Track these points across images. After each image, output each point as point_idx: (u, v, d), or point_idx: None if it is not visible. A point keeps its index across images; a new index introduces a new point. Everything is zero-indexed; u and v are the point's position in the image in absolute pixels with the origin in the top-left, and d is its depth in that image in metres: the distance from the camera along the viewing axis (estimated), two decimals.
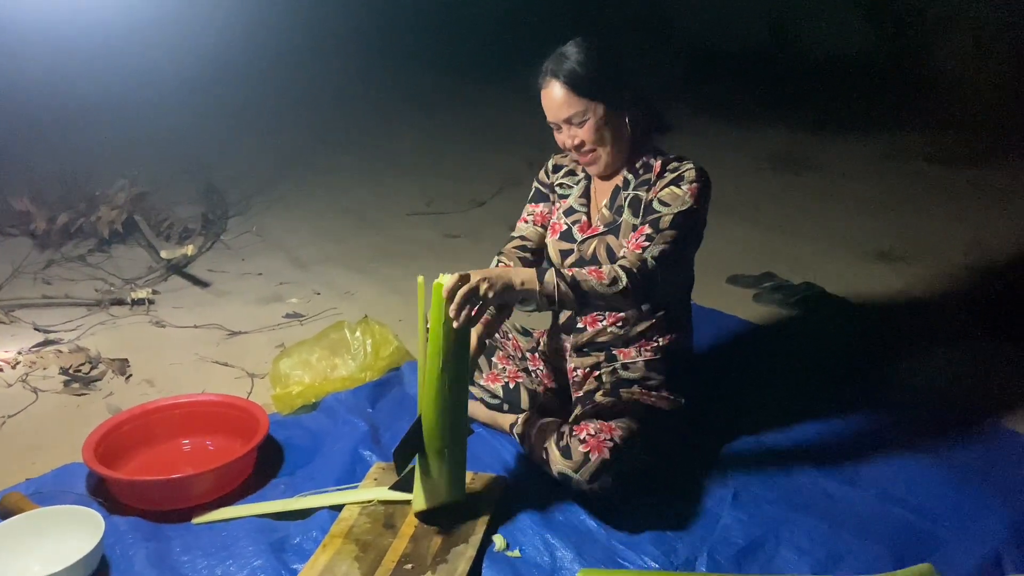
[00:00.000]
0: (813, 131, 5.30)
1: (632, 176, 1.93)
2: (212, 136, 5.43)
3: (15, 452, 2.17)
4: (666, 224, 1.81)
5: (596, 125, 1.85)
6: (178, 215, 3.88)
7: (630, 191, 1.92)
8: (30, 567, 1.66)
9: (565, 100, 1.83)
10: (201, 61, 6.13)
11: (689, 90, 6.40)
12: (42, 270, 3.42)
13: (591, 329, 1.99)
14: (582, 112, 1.83)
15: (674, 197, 1.84)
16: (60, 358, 2.60)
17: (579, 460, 1.74)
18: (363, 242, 3.73)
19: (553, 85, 1.84)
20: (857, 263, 3.33)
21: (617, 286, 1.72)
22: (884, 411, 2.22)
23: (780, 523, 1.79)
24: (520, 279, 1.68)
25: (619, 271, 1.74)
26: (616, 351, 1.98)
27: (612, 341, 1.98)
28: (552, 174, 2.10)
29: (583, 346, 2.01)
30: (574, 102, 1.83)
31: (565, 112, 1.84)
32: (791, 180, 4.49)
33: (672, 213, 1.82)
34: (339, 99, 6.52)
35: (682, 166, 1.89)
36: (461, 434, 1.77)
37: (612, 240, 1.92)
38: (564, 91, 1.83)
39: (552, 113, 1.87)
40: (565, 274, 1.71)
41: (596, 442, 1.75)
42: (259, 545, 1.75)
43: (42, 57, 5.33)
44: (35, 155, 4.63)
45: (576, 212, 2.01)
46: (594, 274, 1.73)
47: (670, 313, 1.97)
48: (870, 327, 2.78)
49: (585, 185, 2.03)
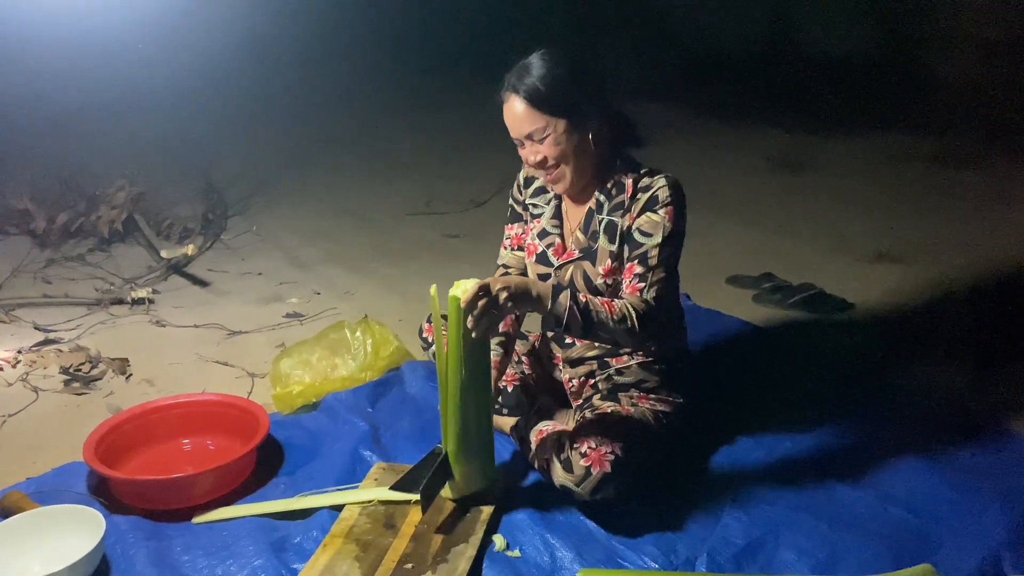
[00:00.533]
0: (813, 132, 5.30)
1: (604, 198, 1.88)
2: (212, 135, 5.42)
3: (15, 451, 2.18)
4: (654, 259, 1.79)
5: (557, 141, 1.79)
6: (178, 215, 3.89)
7: (604, 215, 1.88)
8: (30, 567, 1.66)
9: (526, 116, 1.78)
10: (201, 61, 6.11)
11: (689, 91, 6.41)
12: (42, 269, 3.42)
13: (580, 344, 1.99)
14: (543, 128, 1.78)
15: (654, 226, 1.81)
16: (60, 357, 2.60)
17: (581, 475, 1.74)
18: (363, 242, 3.73)
19: (513, 100, 1.79)
20: (856, 264, 3.34)
21: (625, 324, 1.72)
22: (883, 412, 2.22)
23: (780, 523, 1.79)
24: (536, 292, 1.67)
25: (628, 310, 1.73)
26: (608, 359, 1.97)
27: (603, 353, 1.97)
28: (524, 189, 2.06)
29: (575, 360, 2.01)
30: (535, 118, 1.78)
31: (526, 128, 1.79)
32: (791, 181, 4.49)
33: (656, 245, 1.80)
34: (339, 99, 6.52)
35: (654, 183, 1.84)
36: (488, 431, 1.82)
37: (588, 267, 1.89)
38: (524, 106, 1.78)
39: (513, 129, 1.82)
40: (579, 299, 1.69)
41: (597, 456, 1.74)
42: (259, 545, 1.75)
43: (42, 57, 5.31)
44: (35, 154, 4.63)
45: (549, 235, 1.98)
46: (606, 306, 1.72)
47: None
48: (869, 328, 2.79)
49: (556, 205, 1.99)
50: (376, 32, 7.47)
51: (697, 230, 3.68)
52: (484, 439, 1.82)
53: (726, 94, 6.30)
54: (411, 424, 2.22)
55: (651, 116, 5.96)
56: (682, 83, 6.60)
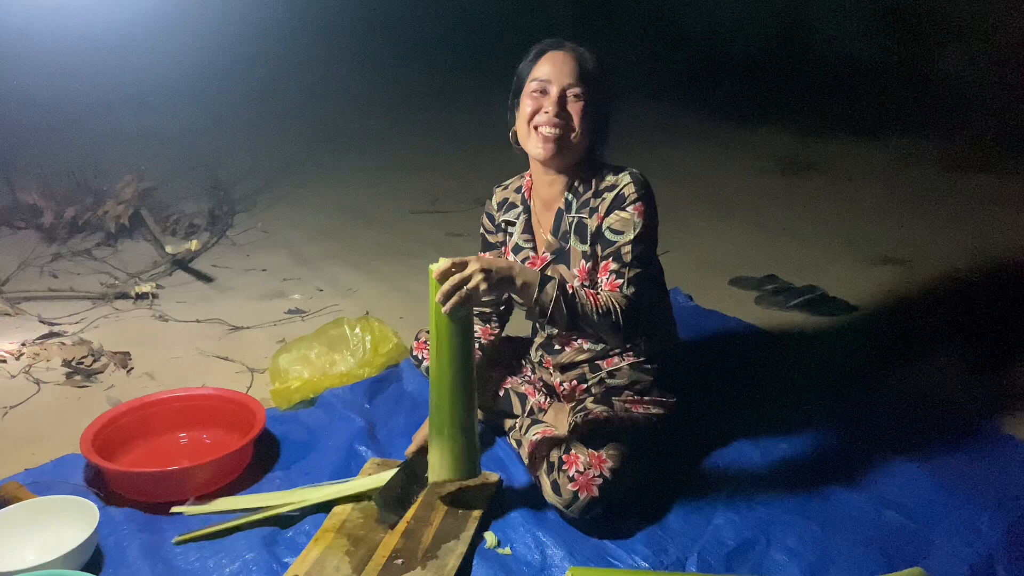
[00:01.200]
0: (821, 135, 5.29)
1: (572, 196, 1.88)
2: (221, 133, 5.46)
3: (15, 442, 2.19)
4: (627, 255, 1.78)
5: (584, 109, 1.80)
6: (184, 210, 3.91)
7: (573, 214, 1.88)
8: (25, 556, 1.67)
9: (575, 71, 1.80)
10: (211, 59, 6.17)
11: (698, 91, 6.40)
12: (49, 263, 3.45)
13: (569, 349, 1.98)
14: (582, 91, 1.79)
15: (624, 223, 1.80)
16: (63, 350, 2.62)
17: (568, 498, 1.73)
18: (366, 239, 3.74)
19: (568, 53, 1.81)
20: (861, 267, 3.32)
21: (609, 318, 1.70)
22: (881, 414, 2.21)
23: (771, 524, 1.79)
24: (522, 280, 1.64)
25: (613, 304, 1.72)
26: (599, 361, 1.96)
27: (591, 357, 1.96)
28: (498, 211, 2.04)
29: (565, 365, 2.00)
30: (580, 78, 1.79)
31: (570, 76, 1.79)
32: (797, 183, 4.48)
33: (628, 241, 1.79)
34: (346, 97, 6.55)
35: (619, 181, 1.83)
36: (468, 417, 1.73)
37: (564, 270, 1.88)
38: (577, 64, 1.80)
39: (558, 75, 1.79)
40: (567, 290, 1.67)
41: (585, 480, 1.72)
42: (251, 538, 1.76)
43: (53, 53, 5.37)
44: (45, 150, 4.67)
45: (523, 249, 1.98)
46: (591, 298, 1.70)
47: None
48: (871, 330, 2.78)
49: (525, 219, 1.99)
50: (385, 33, 7.50)
51: (701, 231, 3.75)
52: (462, 423, 1.72)
53: (735, 95, 6.29)
54: (407, 420, 2.22)
55: (658, 116, 5.96)
56: (691, 83, 6.59)
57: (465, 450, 1.73)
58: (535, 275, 1.67)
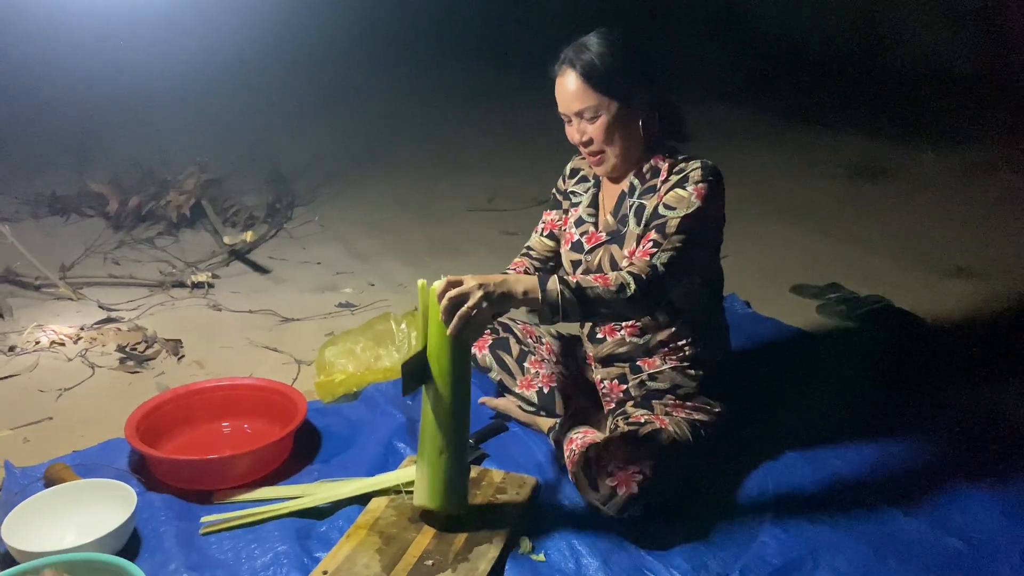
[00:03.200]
0: (896, 140, 5.08)
1: (638, 181, 1.84)
2: (284, 127, 5.54)
3: (67, 424, 2.24)
4: (672, 228, 1.71)
5: (607, 123, 1.76)
6: (245, 203, 3.97)
7: (635, 199, 1.83)
8: (65, 536, 1.69)
9: (579, 92, 1.75)
10: (281, 56, 6.29)
11: (769, 94, 6.24)
12: (113, 250, 3.54)
13: (610, 339, 1.92)
14: (595, 107, 1.75)
15: (679, 200, 1.74)
16: (118, 336, 2.68)
17: (606, 494, 1.68)
18: (421, 236, 3.74)
19: (568, 75, 1.76)
20: (931, 278, 3.17)
21: (625, 292, 1.63)
22: (945, 434, 2.09)
23: (821, 545, 1.70)
24: (523, 288, 1.59)
25: (627, 277, 1.65)
26: (640, 361, 1.90)
27: (633, 352, 1.90)
28: (568, 179, 2.03)
29: (605, 358, 1.94)
30: (588, 96, 1.75)
31: (577, 105, 1.76)
32: (867, 189, 4.31)
33: (679, 217, 1.71)
34: (411, 95, 6.58)
35: (688, 166, 1.78)
36: (457, 445, 1.68)
37: (615, 250, 1.84)
38: (579, 83, 1.75)
39: (564, 104, 1.79)
40: (569, 281, 1.62)
41: (624, 476, 1.68)
42: (285, 530, 1.75)
43: (128, 47, 5.54)
44: (118, 142, 4.81)
45: (585, 223, 1.94)
46: (600, 280, 1.64)
47: (693, 319, 1.87)
48: (938, 345, 2.64)
49: (594, 193, 1.95)
50: (451, 29, 7.52)
51: (763, 236, 3.63)
52: (449, 451, 1.66)
53: (808, 97, 6.11)
54: None
55: (726, 118, 5.83)
56: (763, 84, 6.43)
57: (451, 480, 1.68)
58: (533, 280, 1.61)
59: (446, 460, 1.67)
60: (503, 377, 2.12)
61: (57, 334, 2.70)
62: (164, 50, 5.73)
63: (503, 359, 2.11)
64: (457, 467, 1.69)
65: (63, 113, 5.26)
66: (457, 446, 1.68)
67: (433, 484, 1.69)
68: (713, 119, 5.84)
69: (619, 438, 1.75)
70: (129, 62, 5.65)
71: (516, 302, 1.60)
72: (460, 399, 1.66)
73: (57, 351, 2.63)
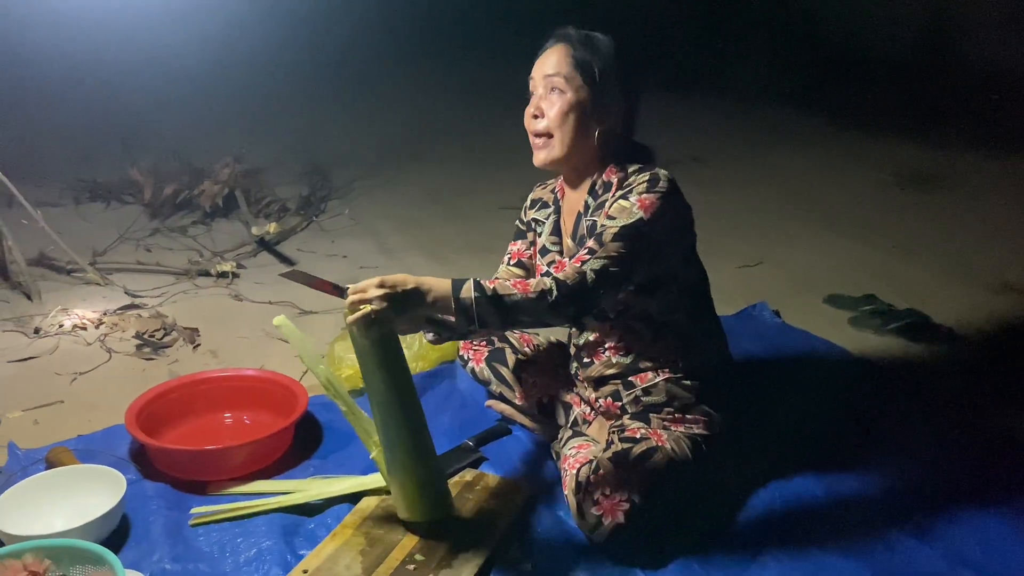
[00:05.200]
0: (953, 147, 4.88)
1: (591, 199, 1.76)
2: (326, 121, 5.57)
3: (77, 408, 2.26)
4: (609, 237, 1.61)
5: (569, 104, 1.69)
6: (279, 194, 3.99)
7: (589, 217, 1.75)
8: (53, 522, 1.69)
9: (561, 59, 1.69)
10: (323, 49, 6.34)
11: (822, 96, 6.05)
12: (147, 237, 3.59)
13: (598, 362, 1.84)
14: (566, 79, 1.68)
15: (621, 210, 1.65)
16: (138, 322, 2.70)
17: (592, 523, 1.62)
18: (450, 232, 3.70)
19: (561, 45, 1.71)
20: (975, 293, 3.01)
21: (546, 299, 1.54)
22: (970, 460, 1.97)
23: (825, 570, 1.62)
24: (434, 293, 1.52)
25: (550, 283, 1.56)
26: (632, 378, 1.81)
27: (622, 371, 1.81)
28: (529, 209, 1.97)
29: (596, 380, 1.86)
30: (567, 66, 1.68)
31: (551, 68, 1.70)
32: (917, 198, 4.14)
33: (617, 226, 1.62)
34: (452, 90, 6.57)
35: (637, 178, 1.68)
36: (415, 455, 1.64)
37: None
38: (564, 50, 1.70)
39: (539, 67, 1.73)
40: (486, 286, 1.54)
41: (610, 505, 1.61)
42: (272, 526, 1.74)
43: (178, 40, 5.64)
44: (165, 131, 4.89)
45: (549, 251, 1.89)
46: (519, 286, 1.55)
47: (677, 330, 1.78)
48: (973, 364, 2.50)
49: (555, 220, 1.89)
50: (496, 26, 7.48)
51: (801, 243, 3.51)
52: (406, 459, 1.64)
53: (864, 100, 5.91)
54: (451, 418, 2.17)
55: (776, 120, 5.68)
56: (817, 87, 6.24)
57: (420, 489, 1.65)
58: (445, 284, 1.54)
59: (411, 475, 1.64)
60: (502, 390, 2.07)
61: (80, 318, 2.74)
62: (213, 44, 5.82)
63: (499, 371, 2.07)
64: (423, 476, 1.66)
65: (112, 103, 5.37)
66: (415, 456, 1.64)
67: (404, 496, 1.66)
68: (760, 121, 5.70)
69: (610, 460, 1.66)
70: (178, 54, 5.75)
71: (425, 307, 1.53)
72: (402, 409, 1.62)
73: (78, 335, 2.66)
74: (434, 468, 1.69)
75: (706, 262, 1.88)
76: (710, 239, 3.65)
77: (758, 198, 4.09)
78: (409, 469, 1.64)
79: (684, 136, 5.36)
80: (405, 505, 1.68)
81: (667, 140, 5.57)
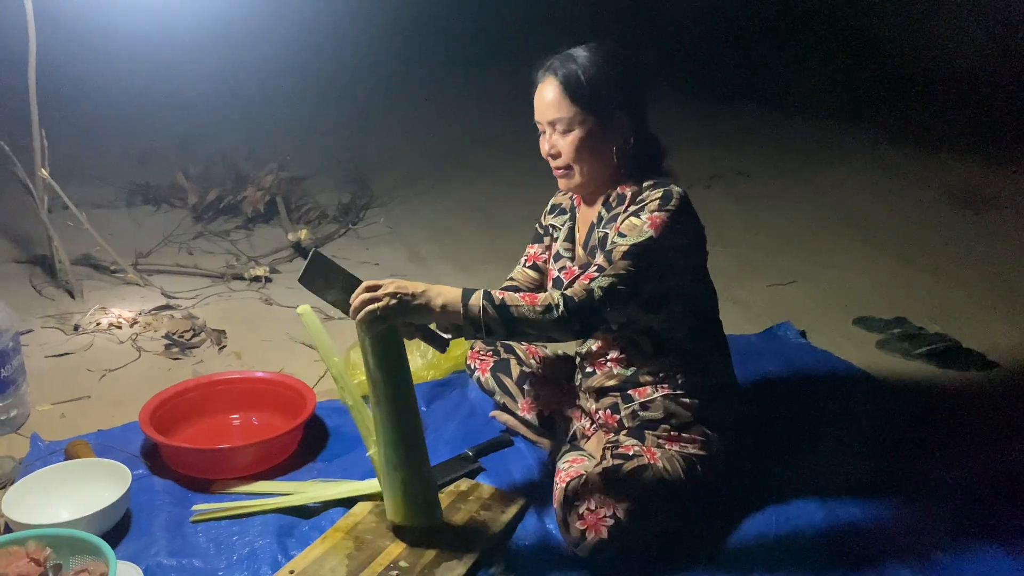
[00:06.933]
0: (1012, 167, 4.70)
1: (605, 211, 1.77)
2: (373, 130, 5.67)
3: (102, 404, 2.36)
4: (619, 255, 1.62)
5: (580, 139, 1.70)
6: (320, 201, 4.08)
7: (602, 228, 1.75)
8: (60, 513, 1.77)
9: (556, 101, 1.70)
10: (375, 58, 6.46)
11: (880, 112, 5.91)
12: (190, 241, 3.71)
13: (599, 372, 1.84)
14: (569, 120, 1.69)
15: (631, 228, 1.65)
16: (170, 323, 2.79)
17: (576, 537, 1.62)
18: (483, 242, 3.73)
19: (549, 82, 1.71)
20: (1017, 319, 2.90)
21: (552, 313, 1.55)
22: (988, 497, 1.88)
23: None
24: (443, 300, 1.55)
25: (557, 298, 1.57)
26: (631, 391, 1.80)
27: (622, 383, 1.81)
28: (548, 214, 2.00)
29: (597, 390, 1.86)
30: (564, 106, 1.69)
31: (552, 114, 1.71)
32: (966, 218, 4.00)
33: (627, 244, 1.62)
34: (494, 100, 6.61)
35: (650, 194, 1.68)
36: (410, 460, 1.66)
37: None
38: (558, 92, 1.69)
39: (539, 112, 1.74)
40: (495, 296, 1.56)
41: (594, 519, 1.60)
42: (268, 526, 1.78)
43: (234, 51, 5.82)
44: (219, 137, 5.05)
45: (562, 258, 1.90)
46: (527, 299, 1.56)
47: (679, 347, 1.77)
48: (1005, 396, 2.40)
49: (570, 227, 1.90)
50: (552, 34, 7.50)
51: (836, 262, 3.44)
52: (404, 469, 1.66)
53: (921, 116, 5.74)
54: (457, 428, 2.19)
55: (827, 135, 5.57)
56: (872, 102, 6.10)
57: (411, 494, 1.67)
58: (456, 292, 1.56)
59: (401, 476, 1.66)
60: (506, 400, 2.09)
61: (117, 317, 2.85)
62: (267, 53, 5.99)
63: (503, 382, 2.08)
64: (416, 482, 1.67)
65: (173, 110, 5.56)
66: (410, 461, 1.66)
67: (394, 499, 1.69)
68: (810, 137, 5.59)
69: (599, 475, 1.66)
70: (231, 64, 5.93)
71: (435, 315, 1.56)
72: (397, 410, 1.64)
73: (113, 333, 2.77)
74: (425, 473, 1.71)
75: (738, 279, 1.87)
76: (745, 255, 3.64)
77: (800, 214, 4.01)
78: (399, 470, 1.67)
79: (733, 150, 5.30)
80: (393, 507, 1.70)
81: (715, 154, 5.54)
